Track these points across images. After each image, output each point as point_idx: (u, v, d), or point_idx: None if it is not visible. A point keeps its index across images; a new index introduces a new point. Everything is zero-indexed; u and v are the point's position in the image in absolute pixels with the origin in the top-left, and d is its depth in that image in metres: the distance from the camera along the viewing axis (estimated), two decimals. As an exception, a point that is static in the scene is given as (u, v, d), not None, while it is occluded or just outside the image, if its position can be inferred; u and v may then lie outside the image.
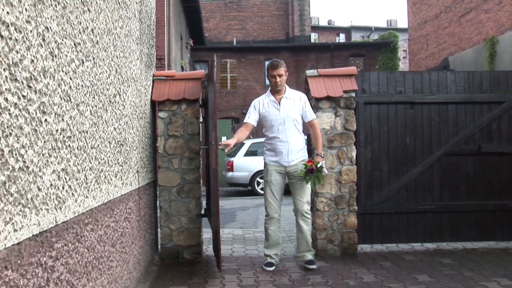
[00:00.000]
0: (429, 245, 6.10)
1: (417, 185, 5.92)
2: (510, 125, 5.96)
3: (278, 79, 5.08)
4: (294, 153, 5.12)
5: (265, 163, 5.28)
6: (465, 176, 5.96)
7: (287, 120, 5.09)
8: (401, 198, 5.92)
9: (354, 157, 5.66)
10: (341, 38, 50.15)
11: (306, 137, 5.51)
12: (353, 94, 5.68)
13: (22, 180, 1.99)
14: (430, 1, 19.99)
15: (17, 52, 1.97)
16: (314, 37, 41.71)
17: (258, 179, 14.57)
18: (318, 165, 4.91)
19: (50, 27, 2.35)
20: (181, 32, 18.23)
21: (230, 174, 15.08)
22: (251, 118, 5.19)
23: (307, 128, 5.35)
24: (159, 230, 5.70)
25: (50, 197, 2.29)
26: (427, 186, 5.92)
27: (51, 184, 2.31)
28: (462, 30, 17.66)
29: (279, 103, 5.14)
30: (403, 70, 32.36)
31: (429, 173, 5.92)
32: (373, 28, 50.63)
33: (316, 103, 5.64)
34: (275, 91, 5.17)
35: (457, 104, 5.94)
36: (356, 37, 49.02)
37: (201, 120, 5.67)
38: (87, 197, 2.90)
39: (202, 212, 5.61)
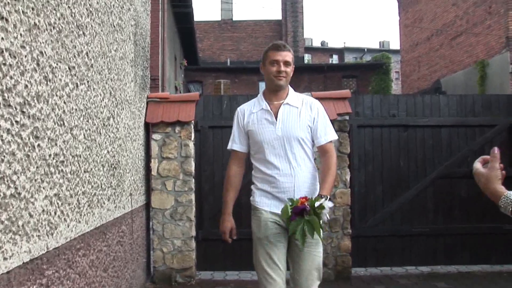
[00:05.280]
0: (423, 268, 6.06)
1: (411, 208, 5.91)
2: (502, 148, 5.97)
3: (282, 67, 3.12)
4: (303, 192, 3.05)
5: (253, 208, 3.22)
6: (458, 199, 5.95)
7: (288, 140, 3.11)
8: (395, 221, 5.90)
9: (348, 180, 5.64)
10: (334, 59, 50.54)
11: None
12: (347, 117, 5.69)
13: (13, 207, 1.96)
14: (422, 24, 20.23)
15: (11, 77, 1.95)
16: (307, 58, 42.01)
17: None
18: (316, 204, 2.78)
19: (45, 52, 2.34)
20: (175, 53, 18.31)
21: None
22: (236, 141, 3.29)
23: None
24: (151, 253, 5.64)
25: (41, 223, 2.25)
26: (421, 209, 5.92)
27: (43, 210, 2.28)
28: (453, 52, 17.85)
29: (276, 113, 3.15)
30: (395, 91, 32.58)
31: (423, 196, 5.91)
32: (365, 50, 51.07)
33: (310, 126, 5.64)
34: (274, 88, 3.19)
35: (450, 127, 5.96)
36: (349, 58, 49.42)
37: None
38: (79, 222, 2.87)
39: (194, 234, 5.56)
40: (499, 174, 1.57)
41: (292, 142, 3.11)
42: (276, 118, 3.14)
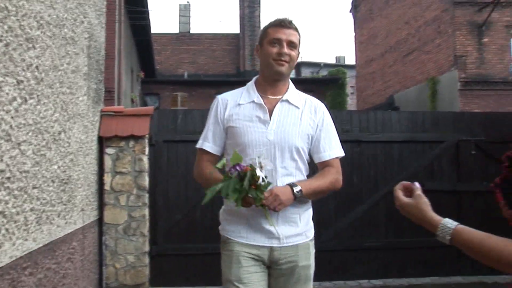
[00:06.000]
0: (376, 282, 6.16)
1: (364, 223, 6.02)
2: (450, 164, 6.19)
3: (285, 49, 2.38)
4: (292, 222, 2.38)
5: (223, 241, 2.44)
6: (409, 213, 6.10)
7: (281, 148, 2.35)
8: (348, 236, 6.00)
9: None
10: (291, 73, 51.04)
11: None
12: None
13: (-45, 226, 1.90)
14: (376, 40, 20.75)
15: (-46, 93, 1.90)
16: (265, 72, 42.19)
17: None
18: (257, 172, 2.12)
19: (-8, 66, 2.29)
20: (132, 65, 18.13)
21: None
22: (209, 138, 2.47)
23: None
24: (104, 269, 5.53)
25: (-15, 242, 2.19)
26: (373, 223, 6.03)
27: (-13, 229, 2.22)
28: (406, 69, 18.37)
29: (270, 111, 2.40)
30: (351, 105, 33.17)
31: (375, 210, 6.04)
32: (322, 64, 51.83)
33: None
34: (272, 77, 2.44)
35: (401, 143, 6.13)
36: (306, 72, 50.04)
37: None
38: (26, 239, 2.79)
39: (148, 249, 5.49)
40: (427, 201, 1.50)
41: (285, 152, 2.34)
42: (270, 117, 2.37)
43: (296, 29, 2.44)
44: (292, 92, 2.50)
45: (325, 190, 2.43)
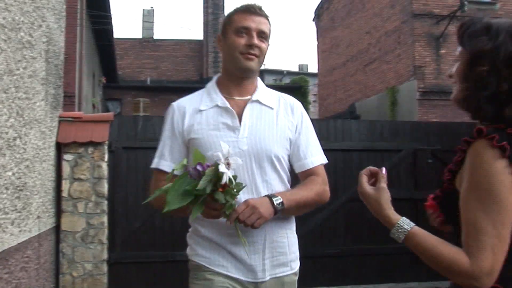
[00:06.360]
0: (334, 289, 6.24)
1: (323, 230, 6.09)
2: (407, 172, 6.34)
3: (255, 40, 1.97)
4: (279, 248, 1.99)
5: (193, 268, 2.00)
6: (367, 221, 6.19)
7: (259, 159, 1.96)
8: (308, 243, 6.04)
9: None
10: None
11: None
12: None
13: None
14: (338, 49, 21.06)
15: None
16: (228, 78, 42.24)
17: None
18: (221, 169, 1.61)
19: None
20: (93, 70, 17.88)
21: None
22: (167, 156, 2.04)
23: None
24: (60, 277, 5.41)
25: None
26: (332, 231, 6.12)
27: None
28: (367, 78, 18.70)
29: (239, 115, 2.00)
30: (313, 113, 33.52)
31: (334, 218, 6.12)
32: (285, 72, 52.20)
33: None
34: (238, 74, 2.03)
35: (360, 151, 6.25)
36: (269, 80, 50.20)
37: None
38: (-23, 248, 2.72)
39: (106, 257, 5.41)
40: (389, 196, 1.47)
41: (264, 163, 1.93)
42: (239, 122, 1.95)
43: (266, 17, 2.02)
44: (263, 91, 2.08)
45: (310, 202, 2.00)
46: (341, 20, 20.80)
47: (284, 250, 1.99)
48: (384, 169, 1.54)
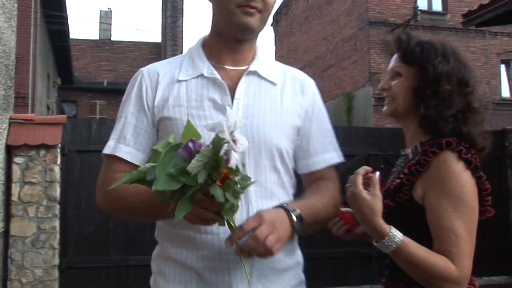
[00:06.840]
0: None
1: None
2: (361, 177, 6.48)
3: None
4: (270, 277, 1.40)
5: None
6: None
7: (255, 151, 1.38)
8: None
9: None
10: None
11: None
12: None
13: None
14: (296, 55, 21.30)
15: None
16: (187, 82, 42.09)
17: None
18: (226, 148, 1.07)
19: None
20: (48, 70, 17.50)
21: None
22: (128, 139, 1.42)
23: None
24: (8, 284, 5.28)
25: None
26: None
27: None
28: (324, 83, 18.96)
29: (233, 89, 1.42)
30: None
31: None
32: (245, 76, 52.36)
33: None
34: (233, 34, 1.43)
35: (315, 156, 6.34)
36: (229, 84, 50.37)
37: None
38: None
39: (58, 262, 5.32)
40: (382, 206, 1.36)
41: (262, 159, 1.41)
42: (232, 100, 1.41)
43: None
44: (263, 61, 1.52)
45: (325, 218, 1.53)
46: (299, 26, 21.05)
47: (277, 273, 1.44)
48: (378, 174, 1.41)
